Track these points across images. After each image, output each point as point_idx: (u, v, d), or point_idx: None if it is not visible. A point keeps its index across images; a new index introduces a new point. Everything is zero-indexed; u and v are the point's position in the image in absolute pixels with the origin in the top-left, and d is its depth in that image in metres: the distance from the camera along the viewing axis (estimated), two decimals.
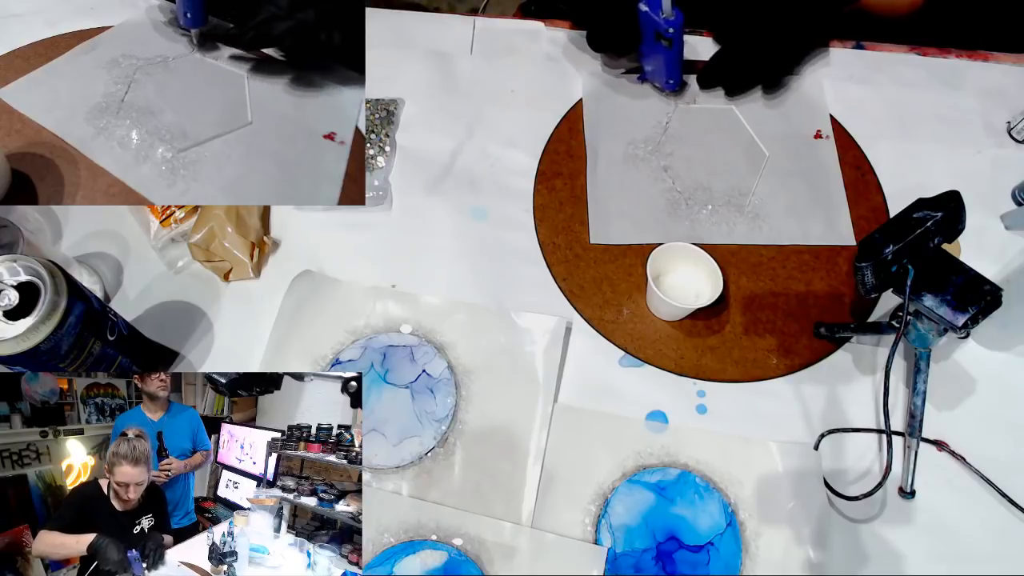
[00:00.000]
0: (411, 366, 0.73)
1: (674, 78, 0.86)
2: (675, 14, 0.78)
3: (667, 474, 0.69)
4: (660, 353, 0.75)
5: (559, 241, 0.81)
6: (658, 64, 0.85)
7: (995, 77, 0.92)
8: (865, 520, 0.68)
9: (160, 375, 0.80)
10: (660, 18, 0.78)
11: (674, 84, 0.87)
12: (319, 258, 0.79)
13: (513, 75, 0.92)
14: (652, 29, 0.80)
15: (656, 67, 0.86)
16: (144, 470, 0.70)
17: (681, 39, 0.81)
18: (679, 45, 0.82)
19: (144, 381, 0.80)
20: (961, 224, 0.64)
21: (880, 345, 0.75)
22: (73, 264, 0.76)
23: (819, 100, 0.91)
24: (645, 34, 0.82)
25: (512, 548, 0.65)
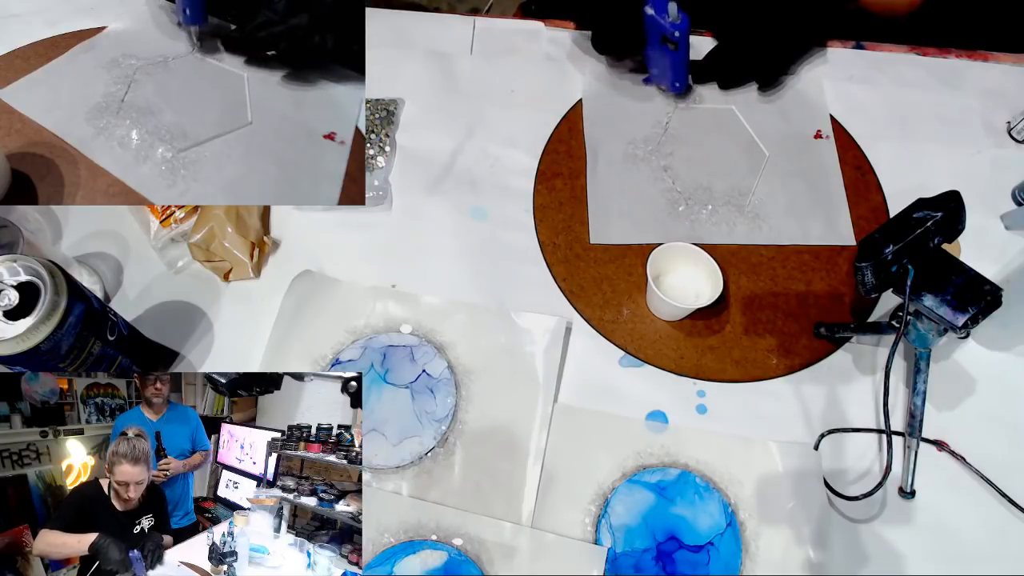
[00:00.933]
0: (411, 366, 0.73)
1: (680, 81, 0.86)
2: (681, 17, 0.78)
3: (667, 474, 0.69)
4: (660, 353, 0.75)
5: (559, 241, 0.81)
6: (664, 67, 0.85)
7: (995, 77, 0.92)
8: (865, 520, 0.68)
9: (156, 383, 0.80)
10: (666, 22, 0.78)
11: (680, 87, 0.87)
12: (319, 258, 0.79)
13: (513, 75, 0.92)
14: (658, 32, 0.80)
15: (662, 70, 0.86)
16: (144, 469, 0.70)
17: (687, 42, 0.81)
18: (685, 48, 0.81)
19: (142, 387, 0.80)
20: (961, 224, 0.64)
21: (880, 345, 0.75)
22: (73, 264, 0.76)
23: (819, 100, 0.91)
24: (650, 37, 0.82)
25: (512, 548, 0.65)
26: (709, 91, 0.91)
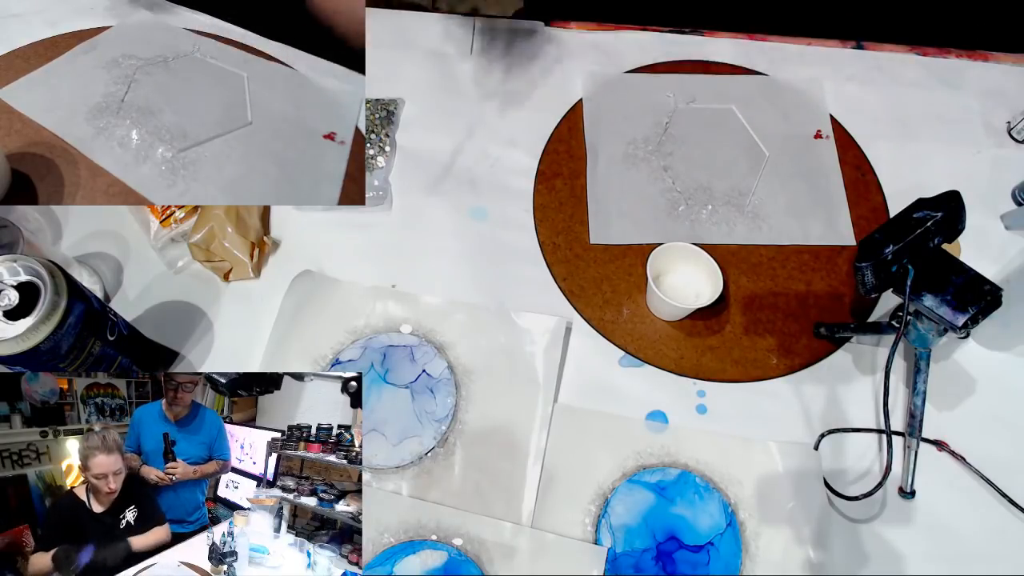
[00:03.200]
0: (411, 366, 0.73)
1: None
2: None
3: (667, 474, 0.69)
4: (660, 353, 0.75)
5: (559, 241, 0.81)
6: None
7: (995, 77, 0.92)
8: (865, 520, 0.68)
9: (177, 391, 0.79)
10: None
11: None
12: (319, 258, 0.79)
13: (513, 75, 0.91)
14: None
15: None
16: (118, 458, 0.70)
17: None
18: None
19: (164, 391, 0.80)
20: (961, 224, 0.64)
21: (880, 345, 0.75)
22: (73, 264, 0.76)
23: (819, 100, 0.91)
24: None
25: (512, 548, 0.65)
26: (708, 91, 0.91)
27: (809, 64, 0.93)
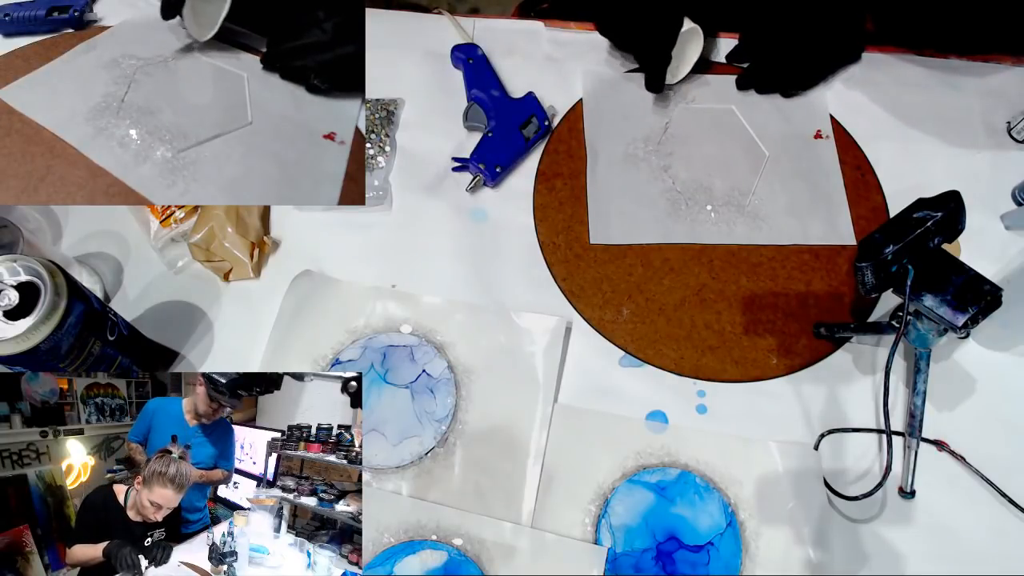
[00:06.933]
0: (411, 366, 0.73)
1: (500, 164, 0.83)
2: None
3: (667, 474, 0.69)
4: (660, 353, 0.75)
5: (559, 241, 0.81)
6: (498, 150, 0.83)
7: (995, 77, 0.92)
8: (865, 520, 0.68)
9: (218, 405, 0.78)
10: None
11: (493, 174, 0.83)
12: (319, 258, 0.79)
13: (513, 75, 0.91)
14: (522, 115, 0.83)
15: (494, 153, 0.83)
16: (181, 496, 0.68)
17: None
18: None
19: (205, 402, 0.79)
20: (961, 224, 0.64)
21: (880, 345, 0.75)
22: (73, 264, 0.76)
23: (819, 100, 0.91)
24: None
25: (512, 548, 0.65)
26: (708, 91, 0.91)
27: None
